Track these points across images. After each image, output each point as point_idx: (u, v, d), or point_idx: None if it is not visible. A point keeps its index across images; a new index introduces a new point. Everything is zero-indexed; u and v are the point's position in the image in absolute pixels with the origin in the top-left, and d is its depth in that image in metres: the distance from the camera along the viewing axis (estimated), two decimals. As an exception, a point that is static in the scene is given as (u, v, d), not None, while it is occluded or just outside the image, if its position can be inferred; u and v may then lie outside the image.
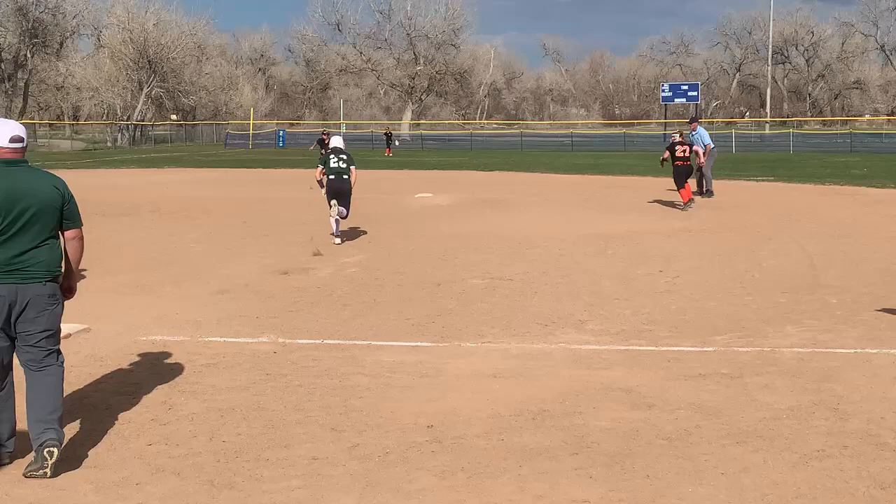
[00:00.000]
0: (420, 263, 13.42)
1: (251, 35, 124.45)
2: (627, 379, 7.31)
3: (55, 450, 5.33)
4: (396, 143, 55.03)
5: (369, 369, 7.68)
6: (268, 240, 16.09)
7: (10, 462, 5.53)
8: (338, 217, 15.52)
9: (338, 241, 15.47)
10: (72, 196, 5.69)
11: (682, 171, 20.80)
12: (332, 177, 15.68)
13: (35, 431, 5.41)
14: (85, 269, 10.60)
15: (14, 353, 5.56)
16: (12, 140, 5.54)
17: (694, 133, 22.75)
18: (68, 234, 5.69)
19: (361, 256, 14.12)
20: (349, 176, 15.70)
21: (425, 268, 13.00)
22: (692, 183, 21.66)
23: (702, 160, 22.63)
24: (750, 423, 6.20)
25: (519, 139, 66.65)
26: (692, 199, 20.70)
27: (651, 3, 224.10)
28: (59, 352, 5.65)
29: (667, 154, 21.47)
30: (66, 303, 5.73)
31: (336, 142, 16.34)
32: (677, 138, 21.42)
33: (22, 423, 5.59)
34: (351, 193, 15.74)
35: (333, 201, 15.40)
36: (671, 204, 21.73)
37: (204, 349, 8.28)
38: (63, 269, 5.65)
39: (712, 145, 23.37)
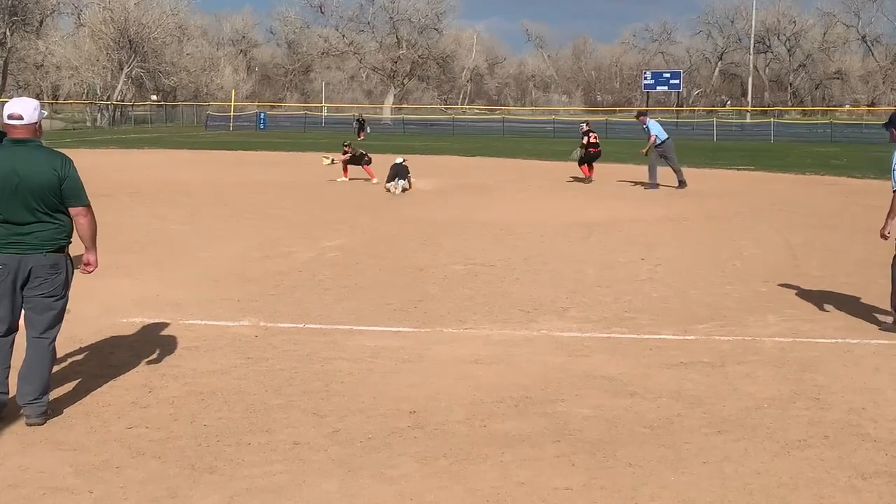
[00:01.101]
0: (401, 248, 13.38)
1: (233, 16, 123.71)
2: (609, 366, 7.32)
3: (35, 422, 5.80)
4: (368, 129, 53.43)
5: (351, 354, 7.65)
6: (248, 222, 16.02)
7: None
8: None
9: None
10: (71, 175, 5.87)
11: (592, 156, 24.80)
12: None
13: (19, 394, 5.85)
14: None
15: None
16: (10, 117, 5.77)
17: (644, 126, 23.73)
18: (72, 211, 5.92)
19: (342, 241, 14.07)
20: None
21: (407, 253, 12.97)
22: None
23: (644, 150, 23.75)
24: (731, 412, 6.22)
25: (501, 125, 66.56)
26: (590, 177, 24.61)
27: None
28: (53, 319, 5.97)
29: (585, 141, 24.81)
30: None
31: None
32: (585, 128, 25.33)
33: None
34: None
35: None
36: (652, 191, 21.78)
37: (185, 332, 8.23)
38: (69, 241, 5.98)
39: (660, 138, 23.08)
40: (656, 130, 23.35)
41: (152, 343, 7.84)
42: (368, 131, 52.88)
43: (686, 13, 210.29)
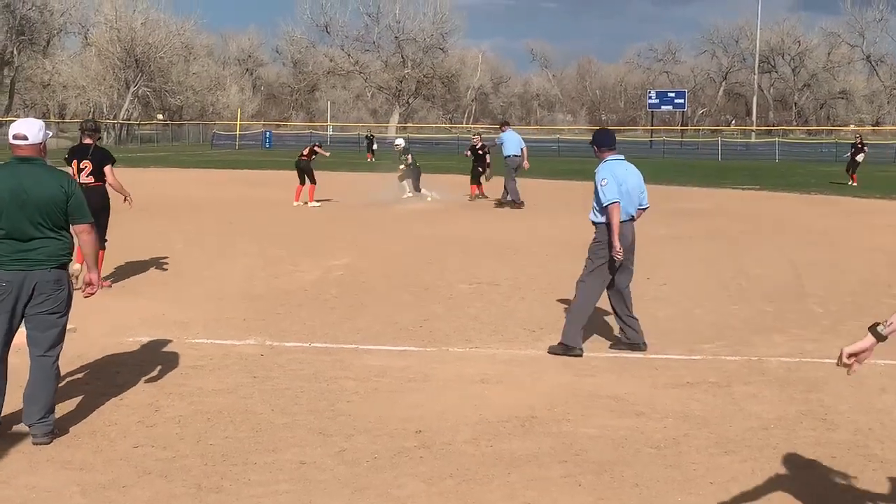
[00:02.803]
0: (407, 267, 13.40)
1: (239, 35, 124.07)
2: (615, 386, 7.31)
3: (42, 441, 5.84)
4: (375, 146, 52.71)
5: (357, 373, 7.66)
6: (254, 241, 16.04)
7: None
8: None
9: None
10: (77, 192, 6.02)
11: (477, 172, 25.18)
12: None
13: (25, 414, 5.90)
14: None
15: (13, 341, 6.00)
16: (15, 136, 5.96)
17: (498, 137, 24.16)
18: (77, 228, 6.04)
19: (348, 259, 14.09)
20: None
21: (412, 271, 12.98)
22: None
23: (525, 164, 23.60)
24: (738, 433, 6.21)
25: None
26: (479, 195, 24.94)
27: (638, 10, 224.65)
28: (57, 337, 6.03)
29: (468, 153, 25.59)
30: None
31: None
32: (477, 141, 25.63)
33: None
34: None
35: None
36: (657, 211, 21.80)
37: (191, 351, 8.24)
38: (72, 259, 6.13)
39: (507, 152, 22.83)
40: (502, 141, 23.23)
41: (158, 362, 7.84)
42: (374, 148, 52.04)
43: (690, 33, 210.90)
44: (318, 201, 22.78)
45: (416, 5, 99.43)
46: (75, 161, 11.44)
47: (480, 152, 25.06)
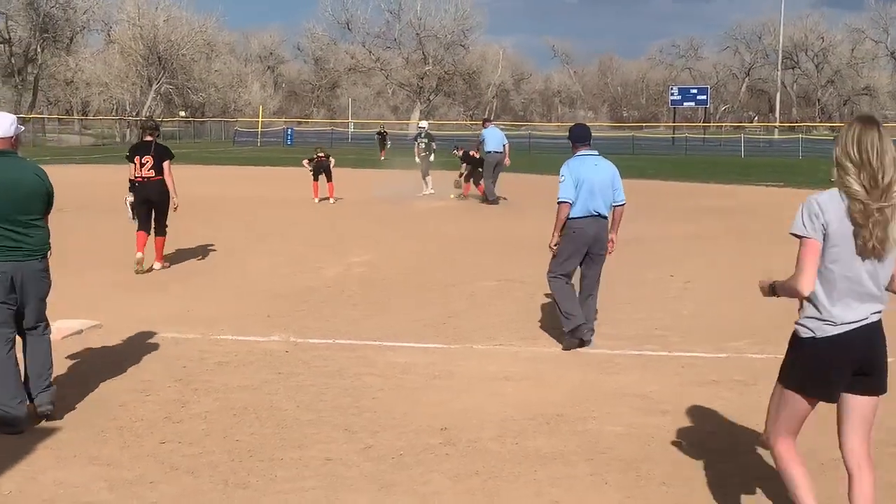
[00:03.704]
0: (429, 264, 13.40)
1: (260, 33, 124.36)
2: (641, 384, 7.28)
3: (48, 409, 6.14)
4: (388, 144, 50.12)
5: (381, 370, 7.66)
6: (276, 238, 16.09)
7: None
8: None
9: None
10: (50, 183, 6.30)
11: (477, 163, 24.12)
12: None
13: (34, 388, 6.14)
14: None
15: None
16: None
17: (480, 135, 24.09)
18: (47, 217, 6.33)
19: (369, 256, 14.10)
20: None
21: (435, 268, 12.98)
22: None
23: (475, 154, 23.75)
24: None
25: (527, 140, 66.59)
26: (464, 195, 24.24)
27: (660, 6, 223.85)
28: (47, 323, 6.33)
29: (459, 152, 24.72)
30: (77, 298, 6.14)
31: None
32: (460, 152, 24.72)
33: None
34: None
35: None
36: (679, 208, 21.69)
37: (216, 347, 8.27)
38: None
39: (487, 148, 22.82)
40: (483, 138, 23.20)
41: (184, 358, 7.87)
42: (388, 145, 50.53)
43: (713, 29, 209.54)
44: (334, 198, 22.86)
45: (438, 2, 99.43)
46: (137, 157, 12.39)
47: (475, 155, 24.59)
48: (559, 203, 8.43)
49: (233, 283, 11.64)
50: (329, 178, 22.99)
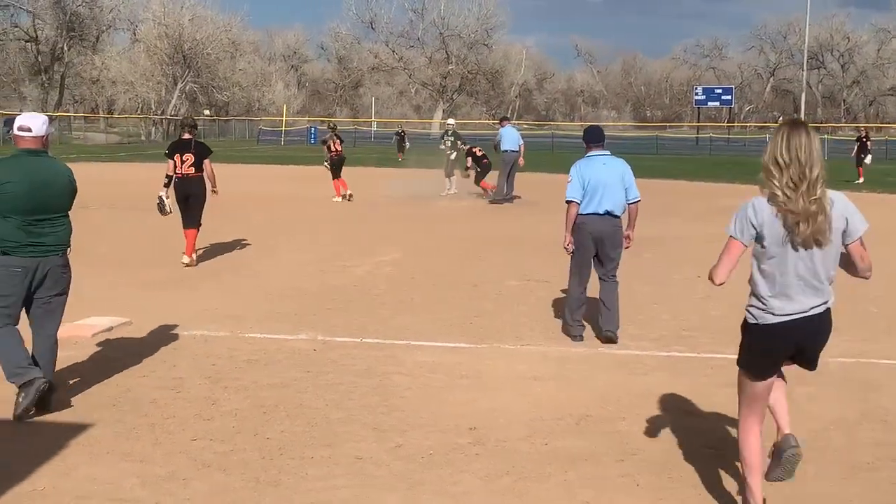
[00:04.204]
0: (455, 263, 13.40)
1: (284, 32, 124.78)
2: (670, 386, 7.25)
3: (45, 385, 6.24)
4: (407, 144, 48.27)
5: (409, 369, 7.67)
6: (302, 236, 16.15)
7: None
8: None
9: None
10: (75, 184, 6.59)
11: (486, 169, 24.53)
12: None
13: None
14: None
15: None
16: (20, 129, 6.39)
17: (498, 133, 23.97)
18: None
19: (395, 255, 14.12)
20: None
21: (460, 268, 12.98)
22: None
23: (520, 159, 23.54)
24: (798, 434, 6.09)
25: (550, 140, 66.50)
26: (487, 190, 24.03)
27: (684, 5, 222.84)
28: (61, 315, 6.56)
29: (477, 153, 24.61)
30: (106, 296, 6.23)
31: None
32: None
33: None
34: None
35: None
36: (705, 208, 21.59)
37: (244, 345, 8.30)
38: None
39: (503, 147, 22.95)
40: (501, 137, 23.20)
41: (213, 356, 7.91)
42: (407, 146, 49.26)
43: (738, 29, 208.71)
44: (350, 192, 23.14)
45: (461, 1, 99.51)
46: (178, 154, 12.87)
47: (479, 154, 24.74)
48: (567, 202, 8.74)
49: (260, 281, 11.69)
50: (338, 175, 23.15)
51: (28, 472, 5.27)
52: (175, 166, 12.92)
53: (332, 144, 23.68)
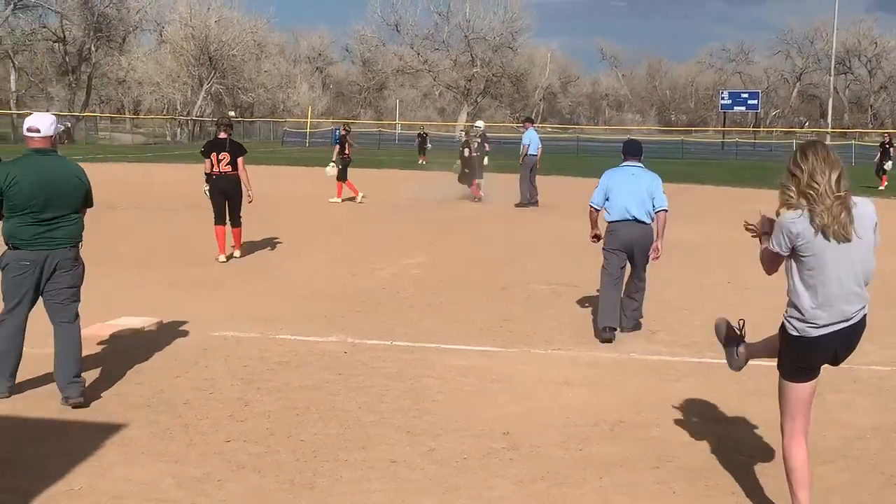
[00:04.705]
0: (482, 266, 13.38)
1: (309, 34, 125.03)
2: (702, 392, 7.21)
3: (79, 401, 6.45)
4: (429, 146, 47.91)
5: (439, 372, 7.65)
6: (328, 237, 16.17)
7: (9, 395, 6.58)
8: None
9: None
10: (89, 182, 6.78)
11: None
12: None
13: (61, 380, 6.50)
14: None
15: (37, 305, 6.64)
16: (28, 129, 6.60)
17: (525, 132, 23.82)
18: (83, 211, 6.77)
19: (422, 258, 14.11)
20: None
21: (487, 271, 12.96)
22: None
23: (520, 160, 23.37)
24: (833, 442, 6.08)
25: (575, 143, 66.37)
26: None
27: (710, 9, 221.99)
28: (77, 313, 6.67)
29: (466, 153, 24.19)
30: (136, 296, 6.34)
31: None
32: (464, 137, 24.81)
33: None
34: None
35: None
36: (732, 213, 21.44)
37: (275, 346, 8.31)
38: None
39: (532, 151, 22.88)
40: (526, 141, 23.05)
41: (244, 357, 7.93)
42: (428, 147, 47.61)
43: (764, 33, 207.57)
44: (342, 199, 23.19)
45: (487, 4, 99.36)
46: (214, 153, 13.27)
47: (466, 153, 24.25)
48: (590, 206, 9.42)
49: (288, 283, 11.71)
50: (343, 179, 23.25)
51: (63, 472, 5.29)
52: (212, 165, 13.34)
53: (347, 146, 23.78)
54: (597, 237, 9.37)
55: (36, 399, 6.64)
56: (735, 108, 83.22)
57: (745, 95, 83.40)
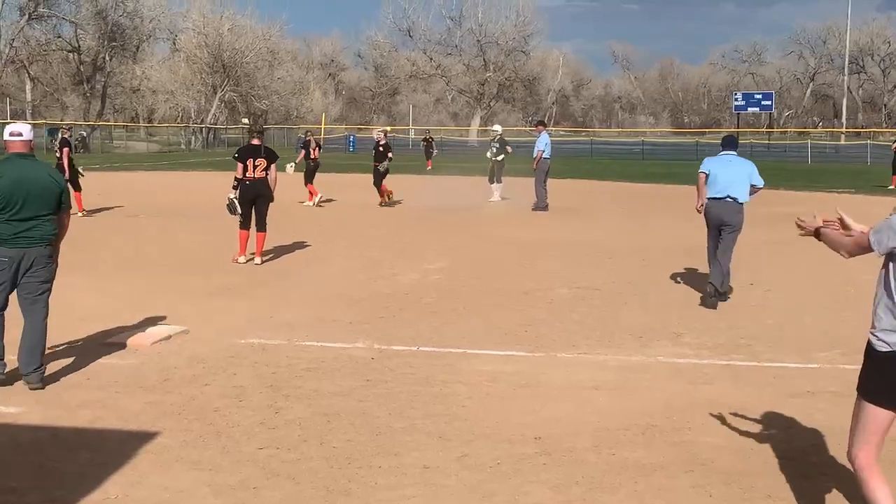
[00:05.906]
0: (502, 271, 13.37)
1: (322, 40, 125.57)
2: (733, 395, 7.18)
3: (38, 386, 7.04)
4: (434, 151, 47.30)
5: (468, 378, 7.65)
6: (348, 243, 16.19)
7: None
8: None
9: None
10: (65, 184, 7.36)
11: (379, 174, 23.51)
12: None
13: (24, 364, 7.04)
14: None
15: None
16: (11, 134, 7.14)
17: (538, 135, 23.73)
18: (62, 213, 7.23)
19: (442, 263, 14.11)
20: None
21: (509, 275, 12.95)
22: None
23: (534, 165, 23.24)
24: None
25: (588, 146, 66.33)
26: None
27: (722, 11, 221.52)
28: (47, 306, 7.20)
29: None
30: (161, 304, 7.90)
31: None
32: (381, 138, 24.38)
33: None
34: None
35: None
36: (751, 214, 21.38)
37: (302, 353, 8.32)
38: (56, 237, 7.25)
39: (546, 154, 22.85)
40: (541, 145, 22.99)
41: (272, 364, 7.94)
42: (434, 152, 47.22)
43: (777, 34, 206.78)
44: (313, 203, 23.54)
45: (499, 8, 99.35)
46: (250, 159, 13.59)
47: (381, 149, 23.86)
48: (699, 172, 11.26)
49: (311, 289, 11.72)
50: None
51: (99, 481, 5.31)
52: (245, 170, 13.59)
53: (312, 150, 24.23)
54: (702, 207, 11.06)
55: (69, 409, 6.66)
56: (748, 109, 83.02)
57: (759, 96, 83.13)
